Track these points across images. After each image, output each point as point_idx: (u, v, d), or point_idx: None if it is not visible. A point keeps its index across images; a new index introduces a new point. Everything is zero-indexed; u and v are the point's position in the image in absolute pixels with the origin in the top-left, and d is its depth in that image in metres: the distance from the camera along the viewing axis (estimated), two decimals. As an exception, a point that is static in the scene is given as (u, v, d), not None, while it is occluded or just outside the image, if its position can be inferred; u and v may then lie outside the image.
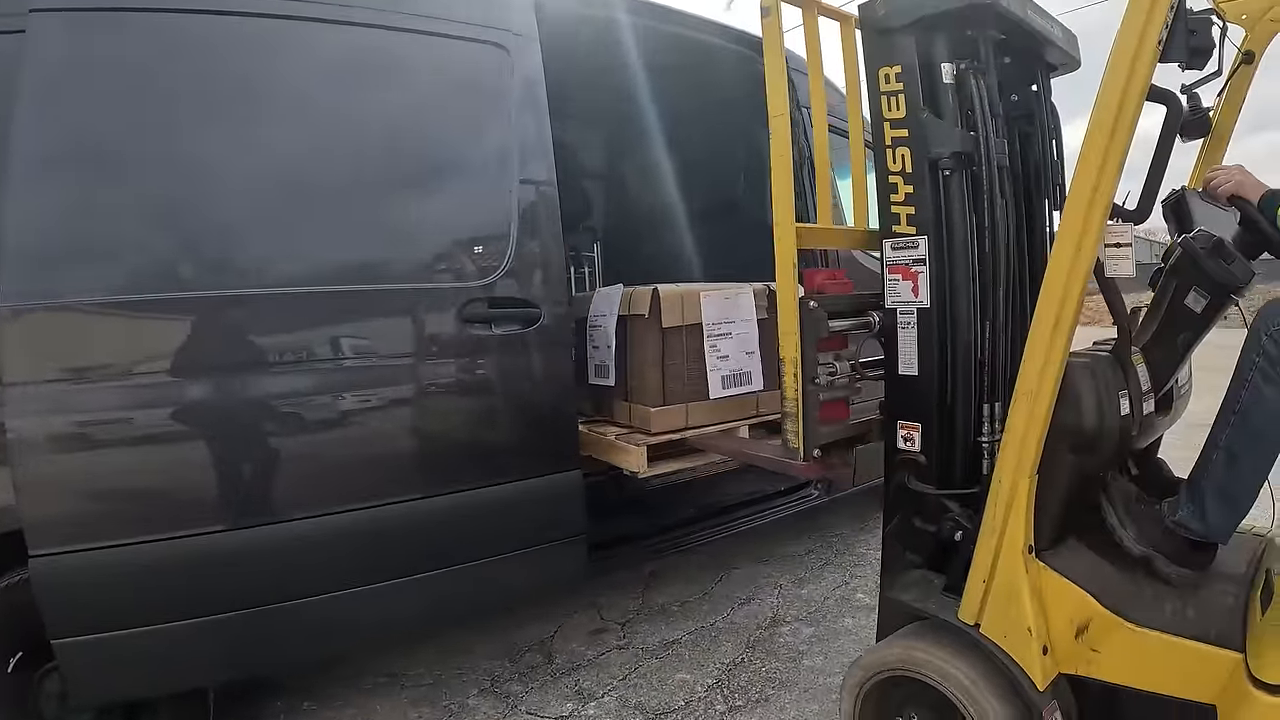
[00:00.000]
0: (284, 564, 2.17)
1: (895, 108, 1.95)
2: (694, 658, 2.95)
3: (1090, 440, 1.76)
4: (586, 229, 4.90)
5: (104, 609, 2.01)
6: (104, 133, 2.03)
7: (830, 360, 2.03)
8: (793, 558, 3.91)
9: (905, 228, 1.97)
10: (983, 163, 1.90)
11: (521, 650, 3.04)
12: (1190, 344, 1.88)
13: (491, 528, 2.47)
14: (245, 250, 2.18)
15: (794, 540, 4.10)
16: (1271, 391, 1.71)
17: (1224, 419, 1.78)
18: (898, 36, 1.94)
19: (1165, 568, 1.86)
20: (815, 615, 3.26)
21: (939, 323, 1.95)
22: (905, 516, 2.06)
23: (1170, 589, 1.86)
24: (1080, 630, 1.81)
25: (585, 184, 4.93)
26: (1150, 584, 1.88)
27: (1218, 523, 1.81)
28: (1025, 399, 1.72)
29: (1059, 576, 1.81)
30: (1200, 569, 1.86)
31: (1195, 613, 1.79)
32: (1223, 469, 1.78)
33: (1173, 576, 1.86)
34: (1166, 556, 1.86)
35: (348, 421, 2.26)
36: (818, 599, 3.42)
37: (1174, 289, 1.85)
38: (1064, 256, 1.66)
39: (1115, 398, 1.75)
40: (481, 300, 2.40)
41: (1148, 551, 1.87)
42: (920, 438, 2.00)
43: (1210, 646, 1.71)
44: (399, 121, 2.39)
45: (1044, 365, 1.70)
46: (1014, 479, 1.76)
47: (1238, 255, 1.75)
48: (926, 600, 1.94)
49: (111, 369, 2.01)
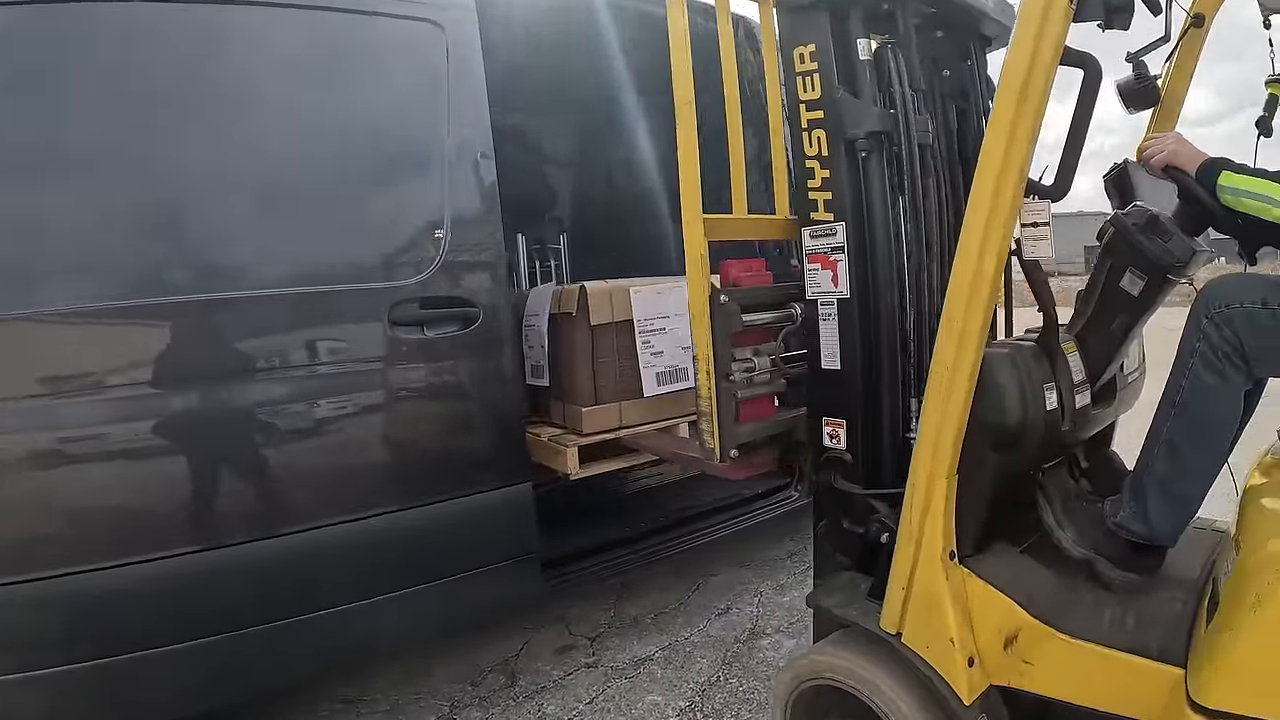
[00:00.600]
0: (203, 597, 1.92)
1: (810, 88, 1.76)
2: (666, 677, 2.65)
3: (1012, 437, 1.55)
4: (553, 220, 4.57)
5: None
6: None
7: (749, 356, 1.87)
8: (774, 562, 3.61)
9: (823, 214, 1.78)
10: (903, 142, 1.71)
11: (484, 671, 2.76)
12: (1128, 329, 1.65)
13: (428, 551, 2.20)
14: (135, 252, 1.92)
15: (775, 544, 3.78)
16: (1213, 379, 1.49)
17: (1165, 410, 1.56)
18: (811, 13, 1.75)
19: (1107, 572, 1.66)
20: (796, 626, 2.96)
21: (861, 313, 1.77)
22: (834, 517, 1.86)
23: (1112, 596, 1.65)
24: (1009, 641, 1.62)
25: (550, 173, 4.55)
26: (1090, 590, 1.68)
27: (1162, 524, 1.59)
28: (937, 394, 1.53)
29: (984, 584, 1.61)
30: (1147, 573, 1.66)
31: (1136, 622, 1.58)
32: (1165, 464, 1.56)
33: (1115, 582, 1.66)
34: (1108, 560, 1.66)
35: (262, 443, 2.01)
36: (799, 607, 3.09)
37: (1108, 270, 1.62)
38: (973, 237, 1.46)
39: (1039, 390, 1.55)
40: (412, 301, 2.15)
41: (1088, 554, 1.67)
42: (845, 434, 1.81)
43: (1149, 661, 1.51)
44: (320, 105, 2.13)
45: (956, 357, 1.51)
46: (929, 480, 1.56)
47: (1175, 231, 1.53)
48: (848, 607, 1.76)
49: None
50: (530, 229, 4.25)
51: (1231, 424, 1.53)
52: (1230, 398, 1.50)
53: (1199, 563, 1.74)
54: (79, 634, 1.83)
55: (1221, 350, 1.47)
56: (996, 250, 1.45)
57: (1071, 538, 1.66)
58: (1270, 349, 1.46)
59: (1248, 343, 1.46)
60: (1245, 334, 1.46)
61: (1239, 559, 1.44)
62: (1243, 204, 1.46)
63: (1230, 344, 1.47)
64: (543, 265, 4.33)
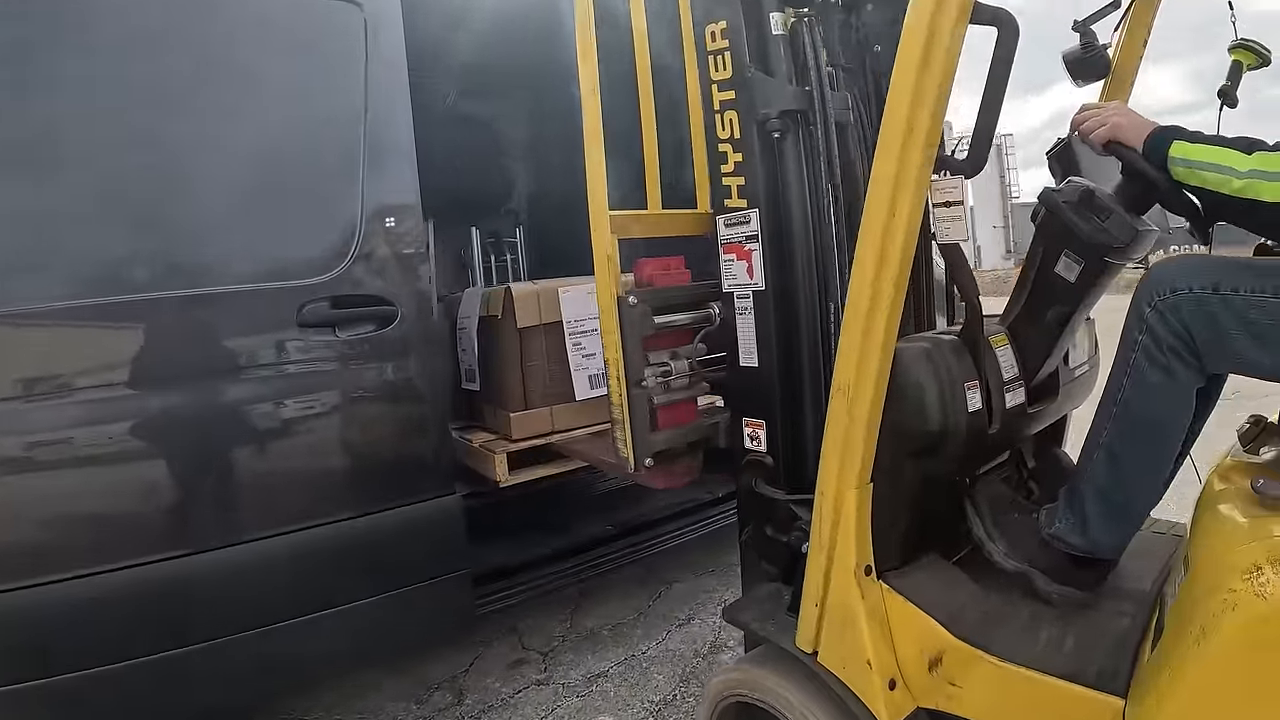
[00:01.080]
0: (91, 624, 1.66)
1: (721, 67, 1.58)
2: (620, 695, 2.41)
3: (931, 442, 1.35)
4: (508, 212, 4.18)
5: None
6: None
7: (665, 360, 1.70)
8: (738, 568, 3.32)
9: (736, 200, 1.60)
10: (819, 121, 1.52)
11: (431, 688, 2.52)
12: (1066, 319, 1.43)
13: (342, 573, 1.92)
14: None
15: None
16: (1159, 376, 1.26)
17: (1105, 411, 1.34)
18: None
19: (1044, 586, 1.47)
20: (738, 630, 2.66)
21: (779, 307, 1.58)
22: (757, 524, 1.67)
23: (1050, 613, 1.45)
24: (933, 663, 1.44)
25: (505, 163, 4.11)
26: (1027, 607, 1.48)
27: (1102, 536, 1.38)
28: (841, 397, 1.33)
29: (904, 601, 1.44)
30: (1087, 588, 1.46)
31: (1075, 644, 1.39)
32: (1105, 472, 1.35)
33: (1054, 597, 1.47)
34: (1044, 574, 1.47)
35: (155, 459, 1.74)
36: (764, 619, 2.86)
37: (1042, 255, 1.41)
38: (876, 220, 1.26)
39: (960, 390, 1.36)
40: (323, 300, 1.88)
41: (1022, 568, 1.48)
42: (765, 436, 1.63)
43: (1085, 689, 1.33)
44: (215, 84, 1.86)
45: (860, 356, 1.31)
46: (838, 491, 1.38)
47: (1115, 209, 1.31)
48: (766, 622, 1.59)
49: None
50: (484, 222, 3.98)
51: (1179, 427, 1.31)
52: (1178, 397, 1.28)
53: (1153, 573, 1.54)
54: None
55: (1167, 343, 1.25)
56: (903, 235, 1.25)
57: (1003, 550, 1.46)
58: (1224, 341, 1.22)
59: (1198, 334, 1.23)
60: (1195, 324, 1.23)
61: (1186, 580, 1.25)
62: (1199, 177, 1.21)
63: (1178, 336, 1.24)
64: (498, 260, 4.01)
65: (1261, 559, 1.07)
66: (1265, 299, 1.20)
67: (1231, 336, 1.22)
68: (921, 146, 1.22)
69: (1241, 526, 1.17)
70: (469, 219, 3.83)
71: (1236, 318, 1.21)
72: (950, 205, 1.28)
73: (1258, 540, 1.11)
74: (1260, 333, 1.20)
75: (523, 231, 4.10)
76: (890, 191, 1.25)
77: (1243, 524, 1.18)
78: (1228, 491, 1.29)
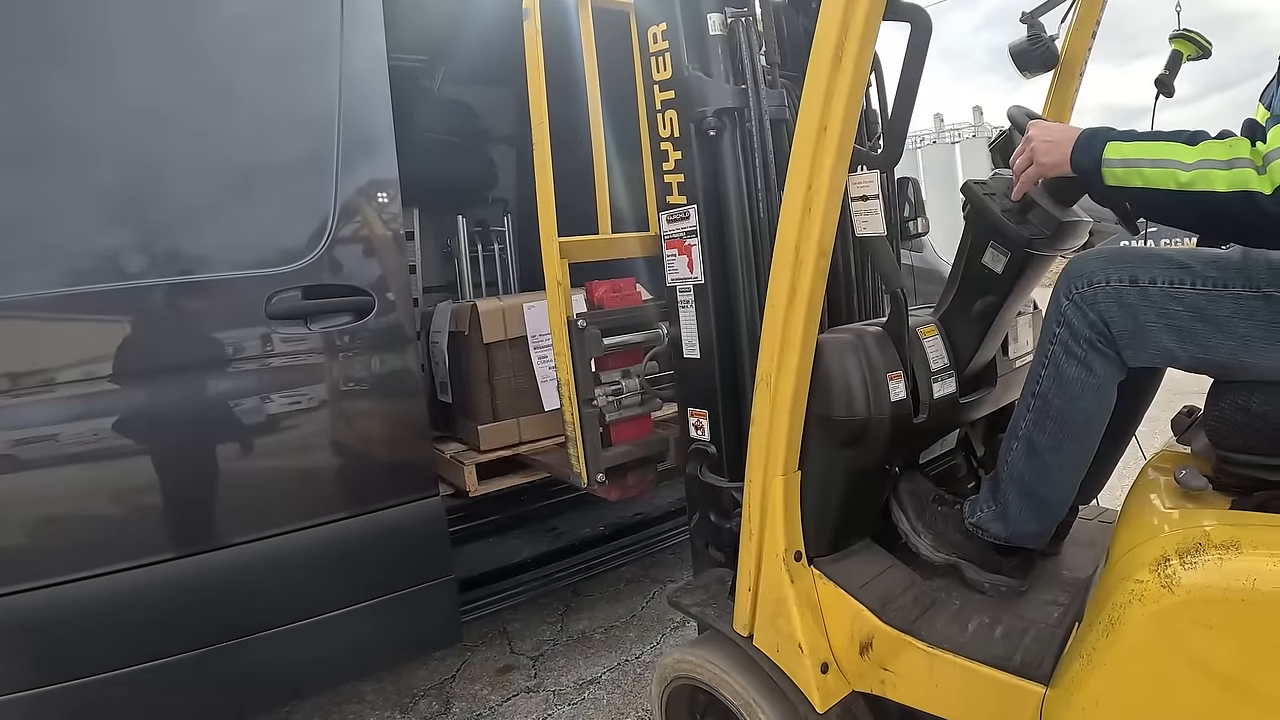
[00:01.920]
0: (50, 639, 1.51)
1: (662, 68, 1.53)
2: (613, 702, 2.24)
3: (855, 432, 1.30)
4: (496, 200, 3.94)
5: None
6: None
7: (616, 380, 1.69)
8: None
9: (677, 197, 1.55)
10: (753, 118, 1.47)
11: (418, 695, 2.36)
12: (995, 310, 1.35)
13: (320, 579, 1.77)
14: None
15: None
16: (1076, 370, 1.19)
17: (1024, 402, 1.27)
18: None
19: (975, 576, 1.42)
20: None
21: (718, 300, 1.53)
22: (703, 510, 1.64)
23: (983, 601, 1.40)
24: (864, 648, 1.39)
25: (493, 150, 3.89)
26: (960, 595, 1.44)
27: (1022, 525, 1.31)
28: (765, 387, 1.29)
29: (834, 587, 1.39)
30: (1019, 576, 1.41)
31: (1004, 631, 1.34)
32: (1024, 464, 1.28)
33: (986, 586, 1.43)
34: (974, 564, 1.42)
35: (120, 460, 1.58)
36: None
37: (970, 246, 1.34)
38: (792, 215, 1.22)
39: (884, 380, 1.31)
40: (293, 290, 1.71)
41: (951, 559, 1.44)
42: (709, 425, 1.58)
43: (1009, 676, 1.28)
44: (180, 58, 1.69)
45: (781, 347, 1.27)
46: (765, 478, 1.33)
47: (1037, 202, 1.26)
48: (707, 607, 1.55)
49: None
50: (471, 210, 3.76)
51: (1098, 420, 1.22)
52: (1097, 391, 1.20)
53: (1091, 561, 1.47)
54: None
55: (1084, 336, 1.17)
56: (819, 230, 1.21)
57: (930, 543, 1.39)
58: (1143, 333, 1.14)
59: (1115, 327, 1.15)
60: (1112, 316, 1.15)
61: (1104, 569, 1.20)
62: (1141, 175, 1.08)
63: (1094, 329, 1.16)
64: (485, 249, 3.76)
65: (1170, 550, 1.00)
66: (1184, 291, 1.12)
67: (1150, 329, 1.13)
68: (835, 143, 1.18)
69: (1159, 517, 1.10)
70: (456, 207, 3.65)
71: (1155, 310, 1.13)
72: (867, 199, 1.24)
73: (1170, 531, 1.05)
74: (1179, 325, 1.12)
75: (510, 220, 3.88)
76: (805, 189, 1.20)
77: (1161, 514, 1.11)
78: (1155, 482, 1.23)
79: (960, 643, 1.31)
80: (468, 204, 3.77)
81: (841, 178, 1.20)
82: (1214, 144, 1.04)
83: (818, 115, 1.18)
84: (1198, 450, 1.25)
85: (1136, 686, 1.02)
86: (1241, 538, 0.97)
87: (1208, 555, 0.97)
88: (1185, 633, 0.97)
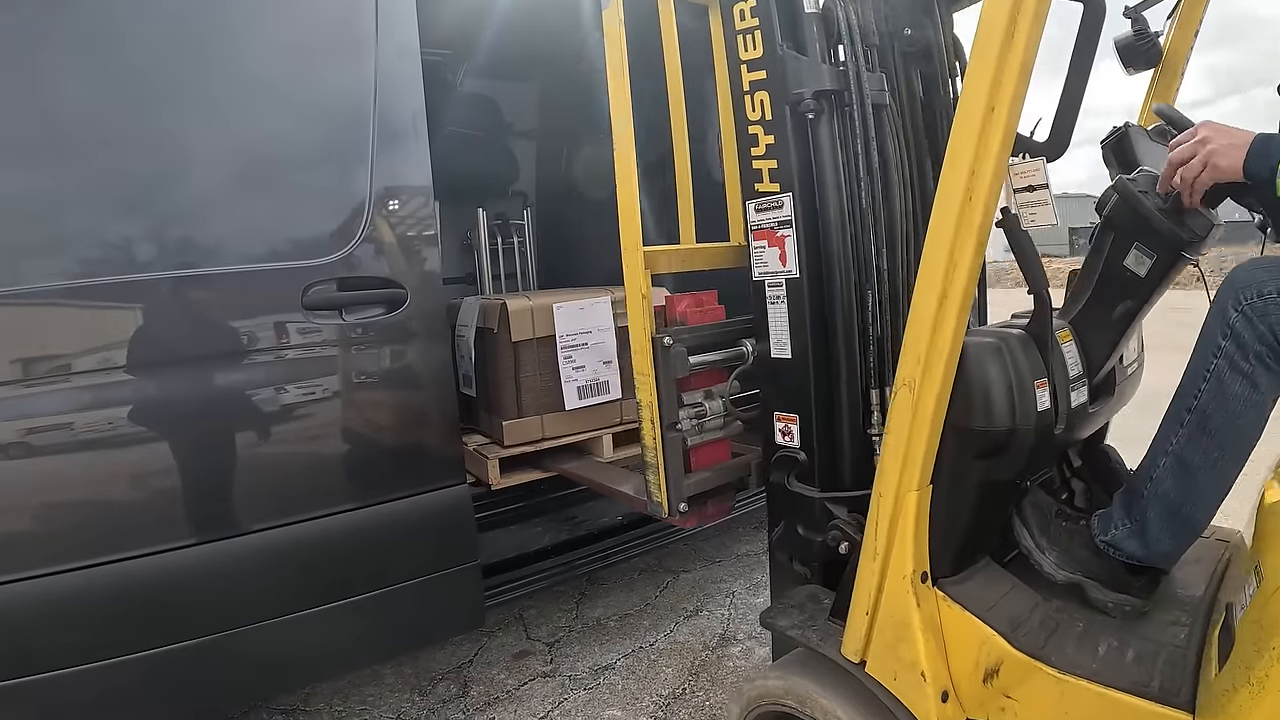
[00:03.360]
0: (75, 620, 1.53)
1: (751, 47, 1.41)
2: (628, 688, 2.25)
3: (1000, 443, 1.20)
4: (516, 194, 3.90)
5: None
6: None
7: (699, 400, 1.56)
8: (748, 558, 3.10)
9: (768, 185, 1.43)
10: (855, 101, 1.36)
11: (436, 679, 2.37)
12: (1133, 315, 1.29)
13: (352, 563, 1.79)
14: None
15: (750, 537, 3.25)
16: (1242, 387, 1.12)
17: (1175, 417, 1.20)
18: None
19: (1098, 595, 1.35)
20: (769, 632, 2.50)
21: (813, 295, 1.42)
22: (789, 523, 1.52)
23: (1106, 622, 1.34)
24: (989, 674, 1.31)
25: (514, 144, 3.87)
26: (1084, 616, 1.37)
27: (1161, 545, 1.25)
28: (907, 393, 1.18)
29: (961, 610, 1.30)
30: (1143, 596, 1.35)
31: (1134, 655, 1.28)
32: (1173, 481, 1.21)
33: (1110, 606, 1.36)
34: (1099, 582, 1.36)
35: (159, 447, 1.59)
36: (775, 609, 2.68)
37: (1110, 246, 1.26)
38: (950, 204, 1.11)
39: (1030, 387, 1.23)
40: (329, 281, 1.72)
41: (1074, 578, 1.36)
42: (799, 431, 1.47)
43: (1148, 703, 1.21)
44: (219, 52, 1.68)
45: (929, 349, 1.16)
46: (897, 493, 1.23)
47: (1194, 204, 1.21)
48: (807, 629, 1.43)
49: None
50: (492, 203, 3.71)
51: (1254, 438, 1.16)
52: (1259, 408, 1.14)
53: (1202, 578, 1.43)
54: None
55: (1254, 350, 1.11)
56: (979, 221, 1.12)
57: (1054, 560, 1.32)
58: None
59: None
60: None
61: (1260, 590, 1.13)
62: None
63: (1264, 342, 1.10)
64: (505, 242, 3.71)
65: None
66: None
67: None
68: (1002, 128, 1.08)
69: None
70: (477, 199, 3.58)
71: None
72: (1034, 190, 1.14)
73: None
74: None
75: (530, 213, 3.81)
76: (967, 176, 1.09)
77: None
78: (1289, 499, 1.19)
79: (1093, 668, 1.23)
80: (488, 197, 3.72)
81: (1004, 164, 1.10)
82: None
83: (985, 96, 1.07)
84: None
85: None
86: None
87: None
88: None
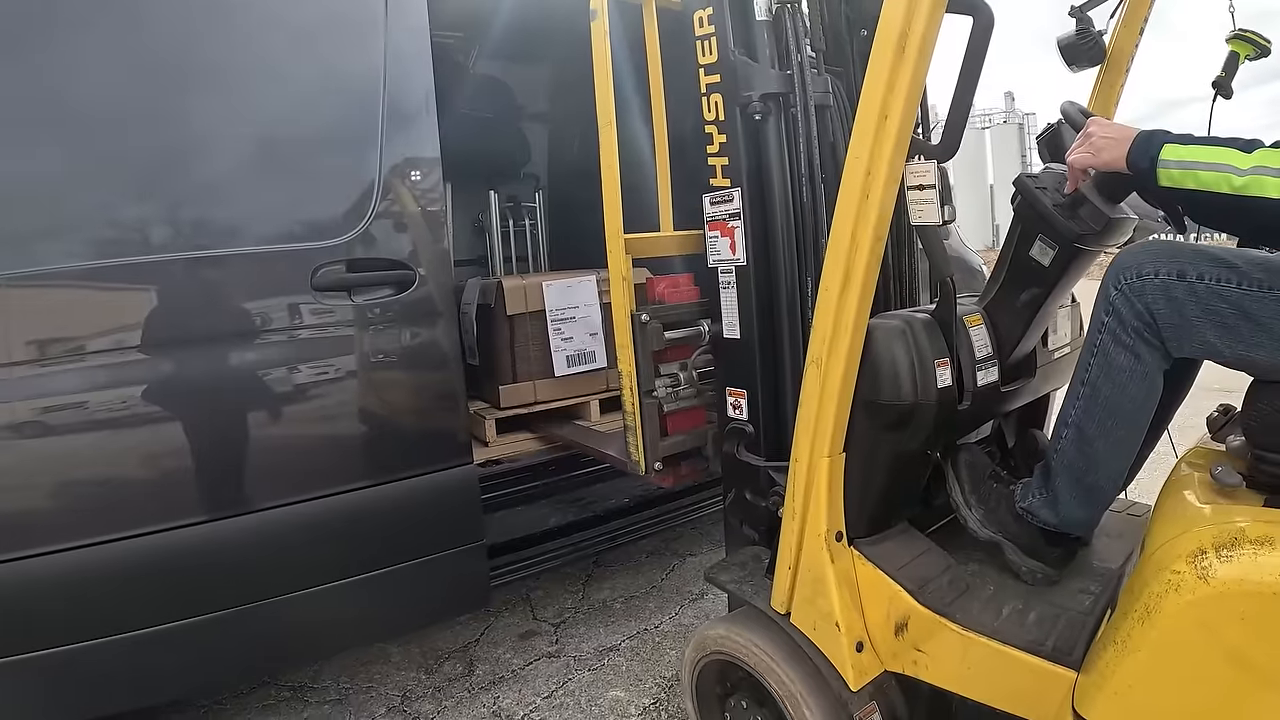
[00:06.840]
0: (98, 595, 1.60)
1: (708, 52, 1.57)
2: (632, 670, 2.31)
3: (901, 416, 1.34)
4: (528, 176, 3.96)
5: None
6: None
7: (674, 371, 1.76)
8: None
9: (720, 179, 1.59)
10: (799, 103, 1.51)
11: (442, 658, 2.44)
12: (1040, 301, 1.40)
13: (359, 541, 1.84)
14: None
15: None
16: (1125, 359, 1.23)
17: (1073, 391, 1.31)
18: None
19: (1014, 558, 1.46)
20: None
21: (760, 281, 1.58)
22: (739, 489, 1.69)
23: (1017, 586, 1.45)
24: (899, 628, 1.45)
25: (526, 126, 3.91)
26: (995, 580, 1.50)
27: (1071, 513, 1.36)
28: (815, 369, 1.33)
29: (874, 568, 1.45)
30: (1057, 564, 1.46)
31: (1037, 617, 1.40)
32: (1075, 450, 1.32)
33: (1022, 570, 1.48)
34: (1016, 546, 1.48)
35: (172, 426, 1.65)
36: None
37: (1018, 238, 1.38)
38: (850, 202, 1.25)
39: (931, 366, 1.36)
40: (338, 263, 1.77)
41: (995, 536, 1.49)
42: (747, 405, 1.63)
43: (1042, 660, 1.34)
44: (227, 33, 1.73)
45: (833, 331, 1.31)
46: (810, 459, 1.38)
47: (1088, 198, 1.30)
48: (744, 584, 1.60)
49: None
50: (503, 185, 3.81)
51: (1146, 408, 1.27)
52: (1144, 379, 1.24)
53: (1122, 554, 1.53)
54: None
55: (1132, 325, 1.22)
56: (875, 217, 1.25)
57: (979, 518, 1.45)
58: (1188, 326, 1.19)
59: (1161, 318, 1.20)
60: (1159, 308, 1.19)
61: (1139, 560, 1.25)
62: (1195, 178, 1.12)
63: (1141, 319, 1.21)
64: (516, 224, 3.81)
65: (1207, 543, 1.05)
66: (1229, 289, 1.16)
67: (1194, 323, 1.18)
68: (895, 132, 1.21)
69: (1194, 511, 1.14)
70: (489, 181, 3.72)
71: (1200, 305, 1.17)
72: (923, 189, 1.28)
73: (1206, 525, 1.09)
74: (1223, 321, 1.16)
75: (542, 195, 3.92)
76: (863, 176, 1.24)
77: (1196, 509, 1.15)
78: (1190, 478, 1.27)
79: (994, 626, 1.36)
80: (499, 179, 3.81)
81: (899, 166, 1.24)
82: (1269, 152, 1.08)
83: (879, 103, 1.21)
84: (1232, 448, 1.29)
85: (1168, 673, 1.07)
86: (1275, 535, 1.01)
87: (1243, 550, 1.02)
88: (1218, 623, 1.02)
